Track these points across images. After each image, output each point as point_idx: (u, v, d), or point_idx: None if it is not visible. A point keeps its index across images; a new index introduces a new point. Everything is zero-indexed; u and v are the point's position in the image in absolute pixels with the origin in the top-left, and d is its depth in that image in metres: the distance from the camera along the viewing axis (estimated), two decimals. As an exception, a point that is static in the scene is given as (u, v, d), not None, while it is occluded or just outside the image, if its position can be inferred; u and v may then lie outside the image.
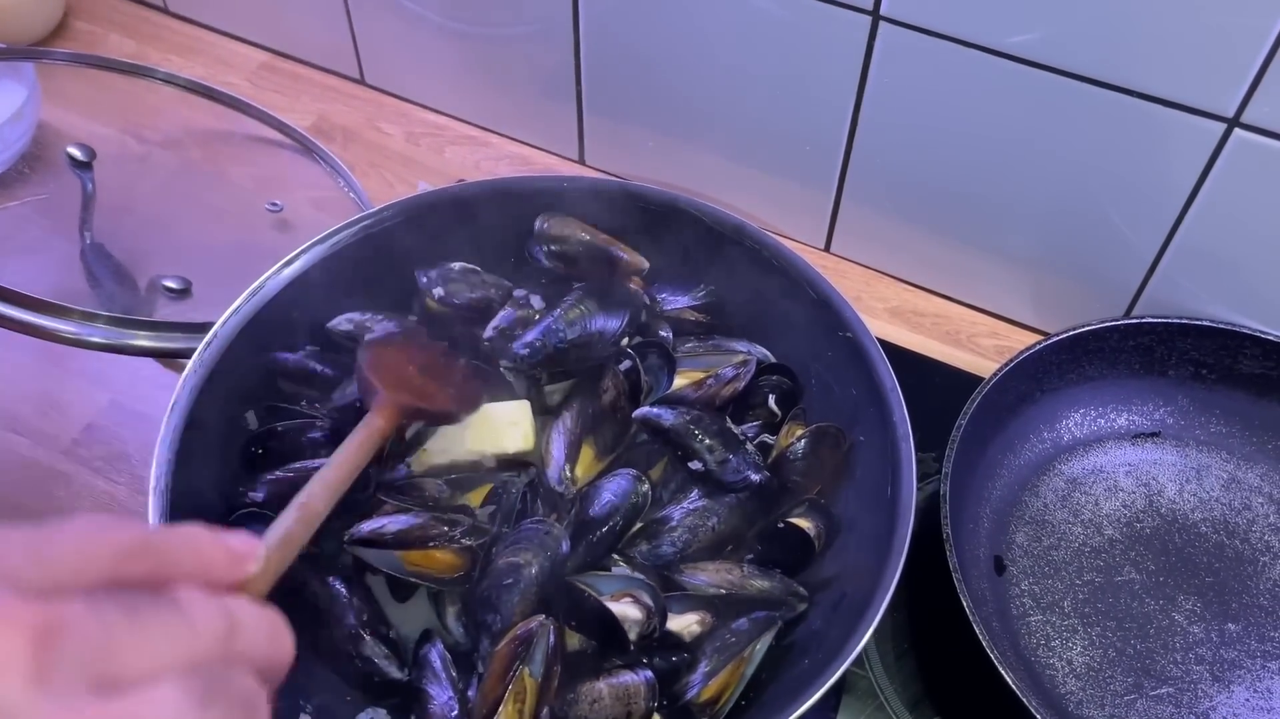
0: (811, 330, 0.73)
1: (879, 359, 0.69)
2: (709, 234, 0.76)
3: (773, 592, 0.65)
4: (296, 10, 1.06)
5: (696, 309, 0.79)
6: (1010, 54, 0.74)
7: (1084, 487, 0.79)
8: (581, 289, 0.74)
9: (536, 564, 0.62)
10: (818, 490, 0.70)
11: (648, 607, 0.62)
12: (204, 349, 0.66)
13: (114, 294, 0.84)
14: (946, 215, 0.87)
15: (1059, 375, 0.80)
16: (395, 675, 0.62)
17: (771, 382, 0.75)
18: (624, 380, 0.70)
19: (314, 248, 0.72)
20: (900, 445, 0.65)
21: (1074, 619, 0.73)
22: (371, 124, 1.05)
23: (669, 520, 0.67)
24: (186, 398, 0.65)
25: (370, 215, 0.74)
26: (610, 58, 0.92)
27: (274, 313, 0.70)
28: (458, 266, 0.76)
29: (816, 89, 0.84)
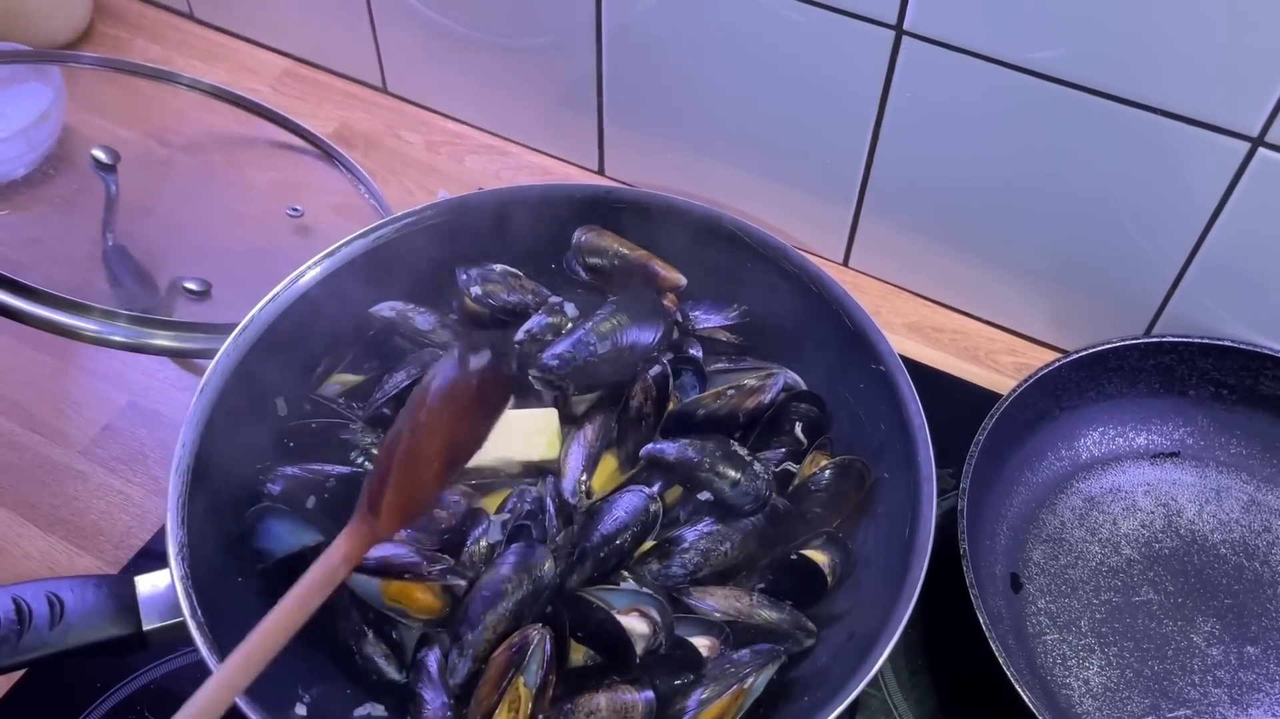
0: (845, 360, 0.71)
1: (910, 396, 0.67)
2: (749, 254, 0.75)
3: (781, 624, 0.64)
4: (321, 18, 1.07)
5: (730, 329, 0.78)
6: (1034, 70, 0.74)
7: (1102, 505, 0.79)
8: (615, 303, 0.73)
9: (521, 584, 0.62)
10: (837, 524, 0.69)
11: (655, 622, 0.62)
12: (240, 332, 0.67)
13: (135, 295, 0.84)
14: (966, 231, 0.87)
15: (1078, 393, 0.79)
16: (393, 676, 0.63)
17: (800, 409, 0.73)
18: (653, 386, 0.70)
19: (357, 240, 0.73)
20: (923, 486, 0.63)
21: (1091, 639, 0.72)
22: (393, 132, 1.06)
23: (682, 541, 0.67)
24: (218, 379, 0.65)
25: (414, 213, 0.75)
26: (631, 69, 0.92)
27: (313, 302, 0.71)
28: (499, 268, 0.77)
29: (838, 102, 0.84)
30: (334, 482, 0.66)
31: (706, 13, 0.84)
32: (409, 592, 0.63)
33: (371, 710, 0.62)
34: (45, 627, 0.56)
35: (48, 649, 0.56)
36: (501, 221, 0.77)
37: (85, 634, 0.56)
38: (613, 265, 0.77)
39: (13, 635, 0.55)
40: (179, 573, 0.57)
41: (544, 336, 0.73)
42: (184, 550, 0.58)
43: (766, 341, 0.77)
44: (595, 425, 0.71)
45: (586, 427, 0.71)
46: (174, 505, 0.60)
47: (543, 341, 0.73)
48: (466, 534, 0.66)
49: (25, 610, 0.55)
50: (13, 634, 0.55)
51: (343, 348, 0.74)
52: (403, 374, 0.71)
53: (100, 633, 0.57)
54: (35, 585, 0.57)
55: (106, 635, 0.57)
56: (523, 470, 0.70)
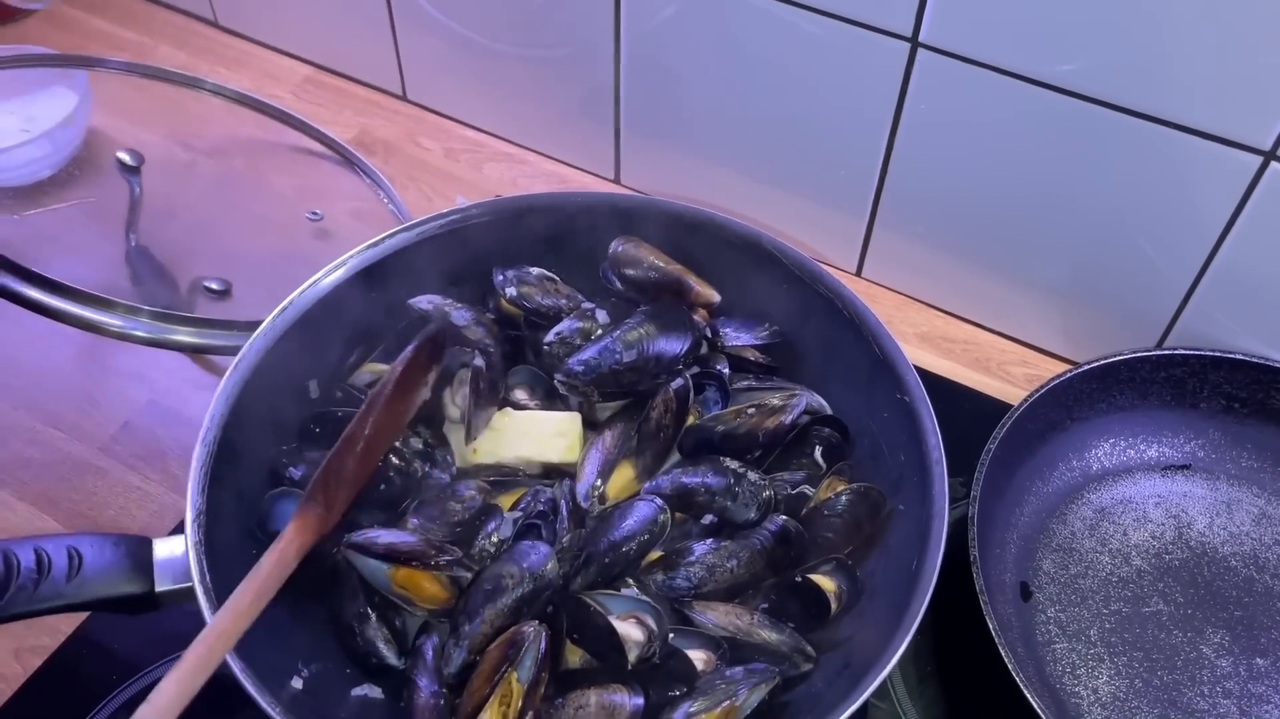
0: (871, 388, 0.71)
1: (931, 430, 0.67)
2: (785, 275, 0.75)
3: (780, 645, 0.64)
4: (343, 27, 1.08)
5: (759, 349, 0.77)
6: (1048, 83, 0.75)
7: (1112, 516, 0.79)
8: (645, 313, 0.74)
9: (522, 582, 0.62)
10: (849, 551, 0.68)
11: (651, 631, 0.63)
12: (280, 312, 0.69)
13: (157, 294, 0.85)
14: (979, 243, 0.88)
15: (1089, 404, 0.80)
16: (392, 662, 0.64)
17: (822, 434, 0.73)
18: (673, 399, 0.70)
19: (400, 233, 0.75)
20: (933, 521, 0.63)
21: (1100, 648, 0.72)
22: (412, 139, 1.07)
23: (689, 554, 0.67)
24: (253, 355, 0.67)
25: (459, 210, 0.76)
26: (649, 79, 0.94)
27: (354, 289, 0.72)
28: (535, 271, 0.77)
29: (853, 114, 0.85)
30: None
31: (723, 25, 0.85)
32: (416, 579, 0.64)
33: (369, 692, 0.63)
34: (63, 578, 0.58)
35: (62, 600, 0.58)
36: (542, 226, 0.78)
37: (100, 589, 0.59)
38: (648, 277, 0.77)
39: (30, 584, 0.57)
40: (193, 539, 0.59)
41: (573, 341, 0.74)
42: (201, 518, 0.60)
43: (795, 363, 0.77)
44: (615, 433, 0.72)
45: (606, 433, 0.72)
46: (196, 474, 0.62)
47: (571, 345, 0.73)
48: (479, 529, 0.67)
49: (45, 561, 0.58)
50: (30, 583, 0.57)
51: (377, 337, 0.75)
52: None
53: (114, 589, 0.59)
54: (57, 539, 0.59)
55: (120, 592, 0.59)
56: (542, 471, 0.71)
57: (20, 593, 0.57)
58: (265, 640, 0.58)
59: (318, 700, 0.60)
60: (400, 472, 0.68)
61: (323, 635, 0.64)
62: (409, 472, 0.69)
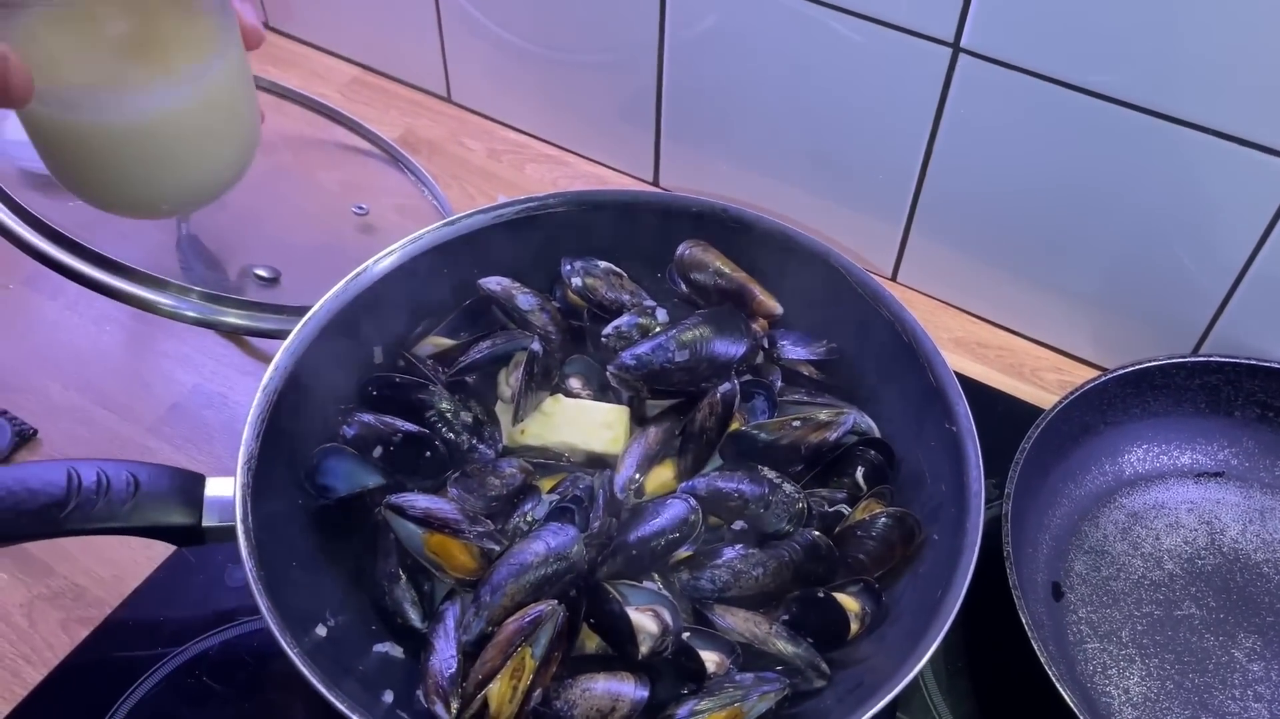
0: (921, 415, 0.71)
1: (975, 463, 0.66)
2: (848, 294, 0.75)
3: (795, 658, 0.65)
4: (391, 30, 1.11)
5: (813, 364, 0.78)
6: (1088, 89, 0.76)
7: (1144, 521, 0.79)
8: (703, 315, 0.75)
9: (547, 562, 0.64)
10: (878, 575, 0.68)
11: (666, 624, 0.63)
12: (354, 277, 0.72)
13: (206, 279, 0.87)
14: (1015, 249, 0.89)
15: (1123, 409, 0.80)
16: (415, 623, 0.65)
17: (867, 455, 0.73)
18: (719, 403, 0.71)
19: (478, 214, 0.77)
20: (964, 553, 0.63)
21: (1132, 649, 0.73)
22: (455, 139, 1.09)
23: (717, 557, 0.68)
24: (324, 315, 0.70)
25: (538, 198, 0.78)
26: (690, 84, 0.95)
27: (427, 263, 0.75)
28: (603, 265, 0.79)
29: (892, 119, 0.86)
30: (401, 436, 0.69)
31: (765, 30, 0.87)
32: (448, 546, 0.65)
33: (389, 650, 0.65)
34: (120, 501, 0.61)
35: (116, 522, 0.61)
36: (614, 221, 0.79)
37: (151, 515, 0.62)
38: (713, 283, 0.78)
39: (89, 503, 0.60)
40: (242, 480, 0.62)
41: (630, 335, 0.75)
42: (252, 462, 0.63)
43: (848, 382, 0.77)
44: (660, 430, 0.73)
45: (651, 429, 0.73)
46: (253, 419, 0.64)
47: (628, 340, 0.75)
48: (515, 506, 0.69)
49: (105, 482, 0.61)
50: (89, 502, 0.60)
51: (444, 312, 0.77)
52: (487, 344, 0.74)
53: (164, 517, 0.62)
54: (118, 464, 0.62)
55: (169, 521, 0.62)
56: (585, 459, 0.73)
57: (78, 510, 0.60)
58: (297, 586, 0.61)
59: (339, 650, 0.62)
60: (447, 442, 0.70)
61: (353, 589, 0.67)
62: (456, 443, 0.71)
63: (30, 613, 0.73)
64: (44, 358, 0.88)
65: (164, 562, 0.75)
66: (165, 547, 0.76)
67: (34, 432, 0.82)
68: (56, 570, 0.75)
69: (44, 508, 0.60)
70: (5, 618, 0.73)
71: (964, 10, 0.76)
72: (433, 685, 0.62)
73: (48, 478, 0.60)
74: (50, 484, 0.60)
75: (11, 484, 0.60)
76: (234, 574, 0.75)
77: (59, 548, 0.76)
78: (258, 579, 0.58)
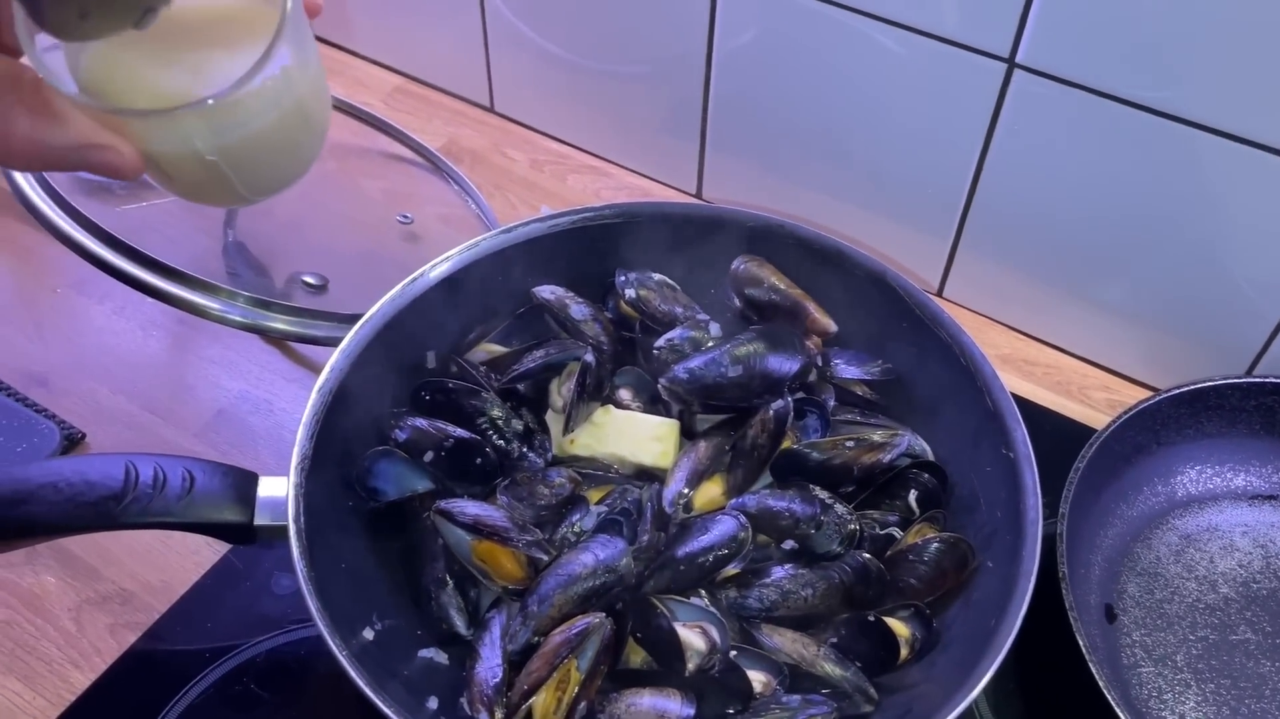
0: (978, 439, 0.70)
1: (1032, 489, 0.65)
2: (905, 315, 0.75)
3: (843, 681, 0.64)
4: (436, 40, 1.11)
5: (867, 384, 0.77)
6: (1145, 105, 0.75)
7: (1198, 543, 0.78)
8: (757, 331, 0.74)
9: (596, 574, 0.64)
10: (929, 600, 0.67)
11: (713, 642, 0.63)
12: (408, 283, 0.73)
13: (253, 286, 0.87)
14: (1065, 267, 0.88)
15: (1176, 430, 0.79)
16: (461, 630, 0.65)
17: (920, 479, 0.71)
18: (772, 420, 0.70)
19: (533, 223, 0.77)
20: (1019, 582, 0.62)
21: (1187, 674, 0.72)
22: (498, 149, 1.09)
23: (765, 576, 0.67)
24: (380, 319, 0.70)
25: (593, 209, 0.78)
26: (736, 96, 0.95)
27: (482, 270, 0.75)
28: (656, 277, 0.79)
29: (943, 134, 0.86)
30: (452, 442, 0.69)
31: (813, 42, 0.86)
32: (496, 554, 0.66)
33: (434, 656, 0.65)
34: (175, 497, 0.61)
35: (171, 518, 0.61)
36: (669, 234, 0.79)
37: (205, 513, 0.62)
38: (767, 299, 0.78)
39: (145, 497, 0.61)
40: (295, 480, 0.62)
41: (683, 349, 0.75)
42: (305, 463, 0.63)
43: (902, 403, 0.76)
44: (711, 445, 0.72)
45: (702, 444, 0.72)
46: (308, 420, 0.65)
47: (680, 353, 0.74)
48: (564, 516, 0.69)
49: (161, 478, 0.61)
50: (146, 496, 0.61)
51: (496, 319, 0.77)
52: (542, 353, 0.74)
53: (218, 514, 0.62)
54: (174, 460, 0.63)
55: (222, 519, 0.62)
56: (633, 472, 0.73)
57: (134, 504, 0.60)
58: (345, 588, 0.61)
59: (385, 655, 0.62)
60: (498, 449, 0.70)
61: (400, 594, 0.67)
62: (506, 450, 0.70)
63: (79, 617, 0.73)
64: (92, 362, 0.88)
65: (212, 567, 0.75)
66: (212, 552, 0.76)
67: (82, 435, 0.83)
68: (104, 575, 0.75)
69: (101, 500, 0.60)
70: (54, 622, 0.73)
71: (1020, 26, 0.76)
72: (478, 694, 0.62)
73: (106, 470, 0.61)
74: (108, 477, 0.61)
75: (70, 475, 0.61)
76: (280, 582, 0.75)
77: (107, 552, 0.76)
78: (308, 579, 0.59)
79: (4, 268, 0.96)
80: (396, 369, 0.72)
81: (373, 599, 0.65)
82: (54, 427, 0.82)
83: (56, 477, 0.61)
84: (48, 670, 0.71)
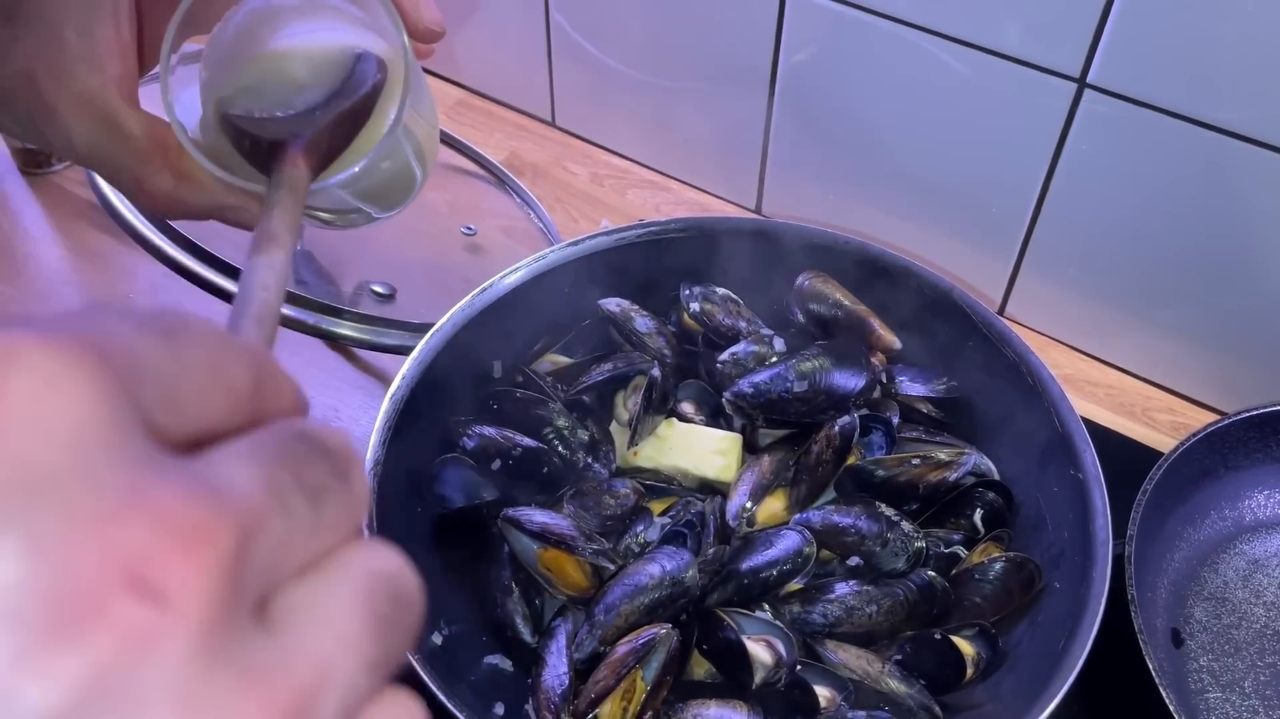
0: (1044, 460, 0.70)
1: (1102, 510, 0.65)
2: (971, 332, 0.75)
3: (907, 698, 0.63)
4: (499, 55, 1.13)
5: (932, 401, 0.77)
6: (1217, 126, 0.75)
7: (1267, 569, 0.77)
8: (822, 346, 0.74)
9: (662, 585, 0.64)
10: (994, 620, 0.67)
11: (779, 656, 0.63)
12: (480, 292, 0.74)
13: (321, 293, 0.89)
14: (1131, 289, 0.87)
15: (1245, 453, 0.78)
16: (525, 638, 0.66)
17: (985, 498, 0.71)
18: (837, 436, 0.70)
19: (600, 237, 0.78)
20: (1090, 603, 0.61)
21: (1255, 701, 0.71)
22: (559, 163, 1.11)
23: (830, 591, 0.67)
24: (450, 329, 0.72)
25: (659, 223, 0.79)
26: (799, 112, 0.96)
27: (549, 283, 0.77)
28: (721, 291, 0.79)
29: (1009, 154, 0.86)
30: (520, 451, 0.70)
31: (878, 58, 0.87)
32: (561, 563, 0.66)
33: (500, 662, 0.66)
34: None
35: None
36: (733, 248, 0.79)
37: None
38: (832, 315, 0.77)
39: None
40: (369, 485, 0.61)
41: (746, 363, 0.75)
42: (377, 468, 0.64)
43: (967, 422, 0.76)
44: (774, 459, 0.73)
45: (765, 458, 0.73)
46: (381, 426, 0.66)
47: (744, 367, 0.75)
48: (629, 527, 0.69)
49: None
50: None
51: (563, 330, 0.78)
52: (609, 366, 0.75)
53: None
54: None
55: None
56: (696, 485, 0.73)
57: None
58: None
59: (453, 659, 0.63)
60: (564, 459, 0.71)
61: (468, 600, 0.67)
62: (572, 460, 0.71)
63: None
64: (163, 366, 0.90)
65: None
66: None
67: (154, 437, 0.84)
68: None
69: None
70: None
71: (1093, 47, 0.76)
72: (544, 701, 0.62)
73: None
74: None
75: None
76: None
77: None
78: None
79: (78, 274, 0.98)
80: (464, 378, 0.73)
81: (440, 605, 0.65)
82: (128, 428, 0.83)
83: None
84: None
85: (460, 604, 0.67)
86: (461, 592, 0.68)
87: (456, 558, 0.69)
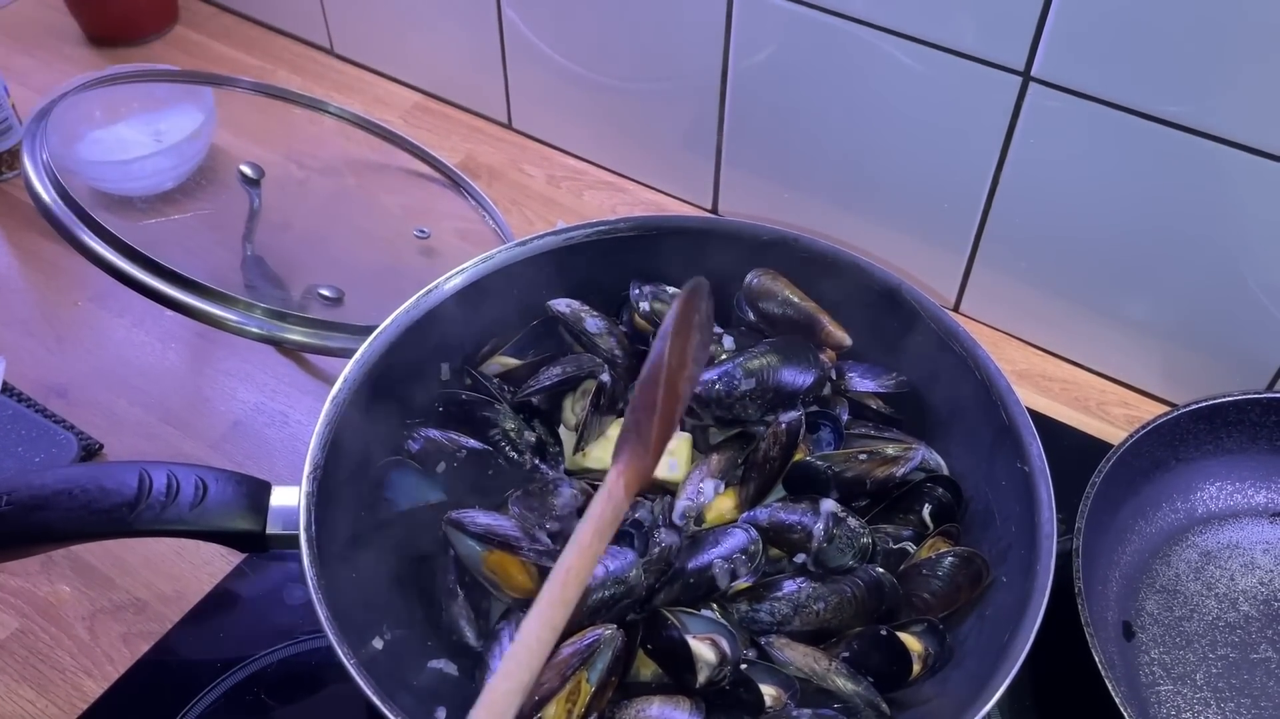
0: (993, 453, 0.69)
1: (1047, 503, 0.65)
2: (920, 328, 0.74)
3: (854, 696, 0.63)
4: (454, 58, 1.12)
5: (881, 397, 0.76)
6: (1164, 118, 0.75)
7: (1218, 560, 0.77)
8: (770, 344, 0.73)
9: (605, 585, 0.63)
10: (943, 615, 0.66)
11: (724, 654, 0.62)
12: (423, 294, 0.73)
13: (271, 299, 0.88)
14: (1083, 282, 0.87)
15: (1195, 445, 0.78)
16: (471, 641, 0.65)
17: (934, 493, 0.71)
18: (784, 432, 0.70)
19: (549, 237, 0.77)
20: (1034, 597, 0.61)
21: (1206, 692, 0.71)
22: (515, 165, 1.10)
23: (777, 589, 0.66)
24: (394, 330, 0.71)
25: (607, 223, 0.78)
26: (752, 112, 0.95)
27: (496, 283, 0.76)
28: (671, 290, 0.79)
29: (958, 148, 0.85)
30: (465, 453, 0.69)
31: (829, 56, 0.87)
32: (506, 565, 0.65)
33: (444, 667, 0.65)
34: (187, 505, 0.62)
35: (184, 526, 0.62)
36: (682, 247, 0.79)
37: (218, 521, 0.62)
38: (781, 313, 0.77)
39: (158, 505, 0.61)
40: (307, 489, 0.62)
41: None
42: (317, 471, 0.63)
43: (917, 417, 0.76)
44: (723, 459, 0.72)
45: (714, 457, 0.72)
46: (320, 429, 0.65)
47: None
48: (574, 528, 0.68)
49: (174, 486, 0.62)
50: (159, 504, 0.61)
51: (510, 332, 0.77)
52: (558, 370, 0.74)
53: (230, 523, 0.63)
54: (188, 468, 0.63)
55: (234, 527, 0.63)
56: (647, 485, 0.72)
57: (148, 511, 0.61)
58: (355, 597, 0.61)
59: (395, 664, 0.62)
60: (511, 461, 0.70)
61: (412, 605, 0.67)
62: (519, 462, 0.70)
63: (93, 626, 0.74)
64: (110, 374, 0.89)
65: (224, 577, 0.76)
66: (226, 562, 0.77)
67: (100, 446, 0.83)
68: (119, 584, 0.76)
69: (115, 507, 0.61)
70: (68, 630, 0.74)
71: (1035, 39, 0.76)
72: None
73: (121, 478, 0.61)
74: (122, 484, 0.61)
75: (85, 482, 0.61)
76: (293, 592, 0.75)
77: (122, 562, 0.77)
78: (318, 588, 0.58)
79: (27, 281, 0.97)
80: (410, 380, 0.72)
81: (383, 609, 0.65)
82: (72, 437, 0.82)
83: (72, 483, 0.61)
84: (61, 679, 0.71)
85: (405, 609, 0.67)
86: (406, 596, 0.67)
87: (401, 562, 0.68)
